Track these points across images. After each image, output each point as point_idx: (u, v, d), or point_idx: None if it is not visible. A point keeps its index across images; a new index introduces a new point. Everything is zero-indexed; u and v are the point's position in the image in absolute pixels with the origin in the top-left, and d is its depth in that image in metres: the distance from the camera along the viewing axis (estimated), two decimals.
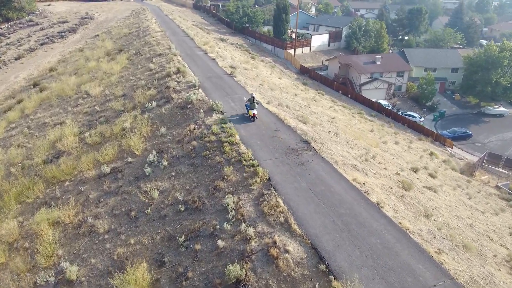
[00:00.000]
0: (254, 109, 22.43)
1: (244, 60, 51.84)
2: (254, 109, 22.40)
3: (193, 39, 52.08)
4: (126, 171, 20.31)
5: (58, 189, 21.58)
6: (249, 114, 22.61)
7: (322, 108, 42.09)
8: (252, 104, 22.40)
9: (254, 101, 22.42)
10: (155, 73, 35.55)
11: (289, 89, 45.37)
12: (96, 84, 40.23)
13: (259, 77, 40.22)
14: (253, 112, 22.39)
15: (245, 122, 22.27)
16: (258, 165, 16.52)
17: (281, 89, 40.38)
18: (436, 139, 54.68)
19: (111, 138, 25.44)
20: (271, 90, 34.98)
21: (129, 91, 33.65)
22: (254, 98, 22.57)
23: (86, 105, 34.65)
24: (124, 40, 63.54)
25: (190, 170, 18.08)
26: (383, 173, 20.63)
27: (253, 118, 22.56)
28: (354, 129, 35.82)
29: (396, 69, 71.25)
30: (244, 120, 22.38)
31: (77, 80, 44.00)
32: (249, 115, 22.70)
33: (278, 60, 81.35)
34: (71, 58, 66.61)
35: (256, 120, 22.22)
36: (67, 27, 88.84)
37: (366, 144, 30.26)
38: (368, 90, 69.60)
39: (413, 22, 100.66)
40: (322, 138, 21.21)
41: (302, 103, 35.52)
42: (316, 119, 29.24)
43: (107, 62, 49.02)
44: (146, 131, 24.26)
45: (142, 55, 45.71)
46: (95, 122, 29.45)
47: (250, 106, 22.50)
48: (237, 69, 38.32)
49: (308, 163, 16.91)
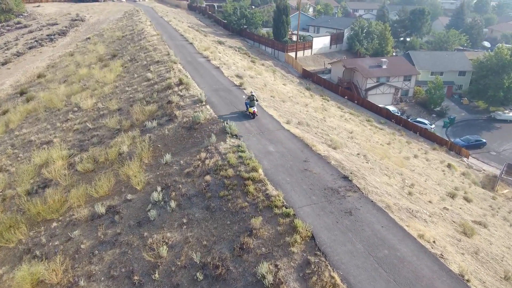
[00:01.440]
0: (254, 107, 22.97)
1: (248, 66, 48.39)
2: (253, 106, 22.95)
3: (192, 43, 48.49)
4: (125, 212, 16.76)
5: (44, 232, 17.99)
6: (249, 112, 23.04)
7: (335, 119, 38.81)
8: (252, 101, 22.93)
9: (254, 99, 22.94)
10: (154, 84, 31.97)
11: (298, 98, 42.00)
12: (87, 95, 36.53)
13: (267, 86, 36.79)
14: (253, 110, 22.90)
15: (266, 148, 18.86)
16: (295, 214, 13.10)
17: (290, 98, 36.99)
18: (451, 149, 51.64)
19: (106, 164, 21.86)
20: (283, 102, 31.58)
21: (125, 105, 30.03)
22: (254, 96, 23.06)
23: (76, 121, 30.96)
24: (117, 44, 59.77)
25: (205, 216, 14.59)
26: (433, 210, 17.38)
27: (253, 115, 23.02)
28: (374, 144, 32.56)
29: (403, 73, 68.21)
30: (265, 147, 18.97)
31: (67, 90, 40.23)
32: (249, 112, 23.11)
33: (278, 64, 77.96)
34: (60, 63, 62.71)
35: (279, 146, 18.80)
36: (56, 29, 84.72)
37: (394, 164, 26.99)
38: (374, 95, 66.47)
39: (415, 23, 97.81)
40: (358, 168, 17.82)
41: (317, 116, 32.17)
42: (338, 137, 25.88)
43: (99, 69, 45.29)
44: (147, 157, 20.73)
45: (138, 62, 42.05)
46: (87, 143, 25.81)
47: (250, 104, 23.00)
48: (243, 78, 34.85)
49: (357, 210, 13.51)
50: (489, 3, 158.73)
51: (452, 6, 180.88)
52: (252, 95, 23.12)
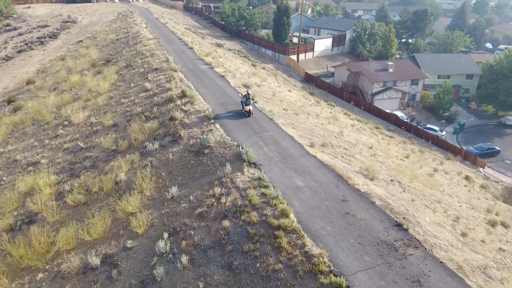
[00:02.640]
0: (250, 105, 23.06)
1: (251, 72, 45.39)
2: (249, 105, 23.04)
3: (192, 48, 45.37)
4: (124, 266, 13.72)
5: (28, 284, 14.90)
6: (245, 110, 23.16)
7: (348, 129, 35.94)
8: (247, 100, 23.03)
9: (249, 97, 23.06)
10: (153, 96, 28.87)
11: (307, 106, 39.06)
12: (79, 107, 33.36)
13: (276, 96, 33.83)
14: (248, 108, 23.01)
15: (293, 181, 15.90)
16: (348, 287, 10.14)
17: (301, 109, 34.06)
18: (465, 158, 48.97)
19: (100, 196, 18.77)
20: (296, 115, 28.63)
21: (121, 120, 26.91)
22: (249, 95, 23.15)
23: (67, 137, 27.78)
24: (111, 48, 56.51)
25: (227, 279, 11.58)
26: (493, 255, 14.56)
27: (249, 114, 23.12)
28: (396, 160, 29.73)
29: (411, 76, 65.51)
30: (291, 181, 15.98)
31: (57, 100, 37.00)
32: (244, 110, 23.21)
33: (280, 67, 75.02)
34: (51, 68, 59.37)
35: (308, 178, 15.79)
36: (47, 31, 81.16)
37: (423, 185, 24.16)
38: (380, 100, 63.72)
39: (417, 24, 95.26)
40: (406, 208, 14.85)
41: (333, 131, 29.26)
42: (364, 159, 22.99)
43: (92, 76, 42.08)
44: (149, 189, 17.68)
45: (134, 69, 38.88)
46: (78, 167, 22.68)
47: (246, 102, 23.06)
48: (251, 87, 31.86)
49: (427, 278, 10.47)
50: (488, 4, 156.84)
51: (451, 6, 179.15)
52: (248, 93, 23.24)
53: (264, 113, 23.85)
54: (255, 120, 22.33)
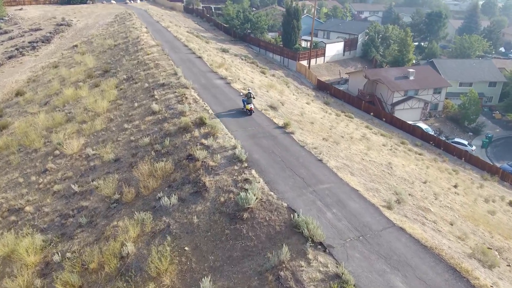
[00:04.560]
0: (251, 104, 23.41)
1: (268, 84, 40.35)
2: (251, 103, 23.39)
3: (201, 57, 40.28)
4: None
5: None
6: (246, 109, 23.51)
7: (383, 152, 31.06)
8: (249, 99, 23.39)
9: (251, 96, 23.40)
10: (163, 121, 23.79)
11: (336, 125, 34.08)
12: (73, 130, 28.26)
13: (304, 117, 28.90)
14: (250, 107, 23.34)
15: (388, 280, 10.96)
16: None
17: (333, 131, 29.12)
18: (503, 178, 44.20)
19: (100, 277, 13.72)
20: (336, 144, 23.65)
21: (124, 154, 21.84)
22: (251, 94, 23.45)
23: (58, 174, 22.66)
24: (109, 55, 51.36)
25: None
26: None
27: (250, 112, 23.44)
28: (454, 197, 24.84)
29: (433, 85, 60.71)
30: (385, 280, 11.03)
31: (48, 120, 31.85)
32: (246, 109, 23.54)
33: (290, 74, 70.02)
34: (43, 77, 54.19)
35: (410, 274, 10.80)
36: (40, 35, 75.87)
37: (497, 233, 19.27)
38: (401, 111, 58.86)
39: (431, 27, 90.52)
40: None
41: (381, 162, 24.29)
42: (433, 206, 18.05)
43: (88, 90, 36.97)
44: (168, 274, 12.66)
45: (137, 83, 33.81)
46: (71, 223, 17.59)
47: (247, 101, 23.45)
48: (278, 109, 26.88)
49: None
50: (496, 5, 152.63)
51: (456, 7, 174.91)
52: (250, 92, 23.55)
53: (309, 150, 18.79)
54: (302, 163, 17.26)
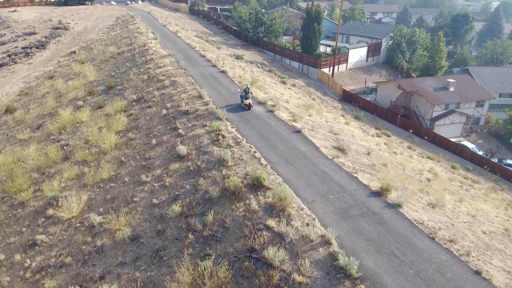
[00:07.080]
0: (249, 99, 23.71)
1: (306, 104, 33.46)
2: (249, 98, 23.70)
3: (225, 71, 33.47)
4: None
5: None
6: (245, 104, 23.85)
7: (459, 196, 24.42)
8: (247, 94, 23.67)
9: (249, 91, 23.65)
10: (195, 173, 16.97)
11: (395, 155, 27.30)
12: (71, 175, 21.46)
13: (372, 155, 22.09)
14: (248, 102, 23.72)
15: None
16: None
17: (404, 168, 22.36)
18: None
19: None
20: (453, 213, 16.93)
21: (146, 228, 15.05)
22: (249, 89, 23.80)
23: (51, 255, 15.85)
24: (112, 65, 44.57)
25: None
26: None
27: (249, 107, 23.76)
28: None
29: (476, 97, 54.03)
30: None
31: (40, 157, 25.02)
32: (244, 104, 23.89)
33: (311, 83, 63.16)
34: (36, 90, 47.51)
35: None
36: (34, 40, 68.97)
37: None
38: (441, 126, 52.22)
39: (457, 30, 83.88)
40: None
41: (467, 220, 17.61)
42: None
43: (90, 114, 30.21)
44: None
45: (151, 107, 27.01)
46: None
47: (245, 96, 23.77)
48: (347, 150, 20.13)
49: None
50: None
51: (469, 8, 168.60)
52: (248, 88, 23.78)
53: (447, 247, 12.03)
54: (450, 279, 10.51)
